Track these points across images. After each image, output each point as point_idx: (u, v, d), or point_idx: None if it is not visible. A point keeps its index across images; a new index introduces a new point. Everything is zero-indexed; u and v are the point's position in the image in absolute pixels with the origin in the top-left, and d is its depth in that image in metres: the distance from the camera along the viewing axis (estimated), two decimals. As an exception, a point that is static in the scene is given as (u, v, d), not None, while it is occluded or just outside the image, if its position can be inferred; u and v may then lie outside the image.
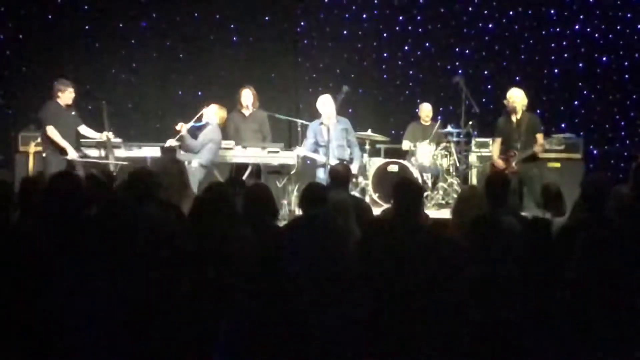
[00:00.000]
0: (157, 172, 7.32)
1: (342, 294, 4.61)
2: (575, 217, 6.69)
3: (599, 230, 5.38)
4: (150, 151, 12.33)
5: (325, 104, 11.92)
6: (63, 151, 11.60)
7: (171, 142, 11.71)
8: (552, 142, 11.29)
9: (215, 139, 11.70)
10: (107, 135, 11.88)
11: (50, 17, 14.83)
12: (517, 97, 11.16)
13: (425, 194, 11.70)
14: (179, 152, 11.72)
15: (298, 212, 10.77)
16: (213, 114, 11.83)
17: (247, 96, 12.51)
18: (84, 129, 12.00)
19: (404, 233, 5.61)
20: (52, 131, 11.57)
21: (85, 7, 14.95)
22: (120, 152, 12.16)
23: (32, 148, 12.66)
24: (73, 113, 11.93)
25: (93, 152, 12.11)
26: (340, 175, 8.36)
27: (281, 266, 4.81)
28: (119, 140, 12.29)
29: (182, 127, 11.48)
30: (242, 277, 5.12)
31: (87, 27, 14.93)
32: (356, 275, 4.94)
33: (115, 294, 4.94)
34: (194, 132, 11.76)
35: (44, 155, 11.79)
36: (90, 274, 5.01)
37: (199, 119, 11.86)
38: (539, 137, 11.12)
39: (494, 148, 11.48)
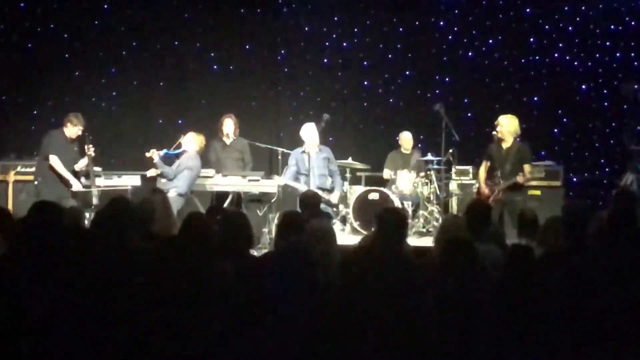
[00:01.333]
0: (137, 202, 7.30)
1: (325, 322, 4.60)
2: (552, 244, 6.68)
3: (578, 258, 5.39)
4: (131, 180, 12.28)
5: (309, 131, 11.95)
6: (66, 183, 11.50)
7: (152, 172, 11.68)
8: (533, 172, 11.25)
9: (192, 166, 11.66)
10: (89, 150, 11.69)
11: (30, 45, 14.79)
12: (503, 125, 11.09)
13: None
14: (159, 181, 11.69)
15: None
16: (191, 141, 11.81)
17: (228, 125, 12.50)
18: (77, 166, 11.87)
19: (386, 261, 5.60)
20: (55, 161, 11.43)
21: (65, 35, 14.93)
22: (100, 181, 12.09)
23: (12, 177, 12.60)
24: (75, 149, 11.83)
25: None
26: (310, 203, 8.41)
27: (263, 299, 4.78)
28: (98, 169, 12.24)
29: (154, 154, 11.46)
30: (224, 314, 5.09)
31: (67, 55, 14.89)
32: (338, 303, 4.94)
33: (92, 326, 4.91)
34: (171, 160, 11.74)
35: (35, 183, 11.65)
36: (68, 306, 4.98)
37: (177, 147, 11.83)
38: (526, 167, 10.99)
39: (480, 172, 11.39)
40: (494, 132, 11.22)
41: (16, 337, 4.88)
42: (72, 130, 11.63)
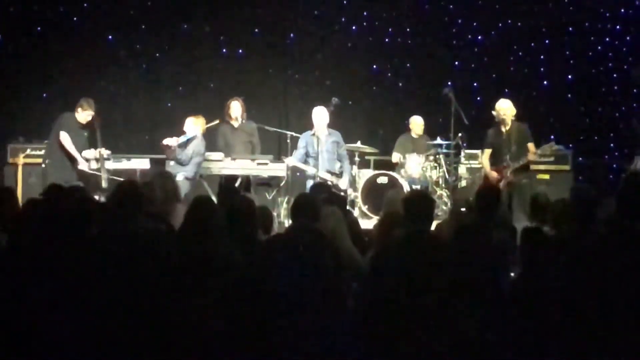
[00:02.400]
0: (147, 185, 7.30)
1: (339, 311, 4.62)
2: (561, 228, 6.68)
3: (587, 242, 5.39)
4: (140, 163, 12.30)
5: (319, 115, 11.94)
6: (74, 161, 11.54)
7: (170, 141, 11.77)
8: (544, 150, 11.25)
9: (202, 152, 11.79)
10: (100, 152, 11.78)
11: (39, 29, 14.79)
12: (506, 109, 11.12)
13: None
14: (167, 164, 11.72)
15: (288, 223, 10.77)
16: (192, 125, 11.84)
17: (236, 108, 12.46)
18: (85, 153, 11.90)
19: (419, 245, 5.59)
20: (65, 137, 11.49)
21: (74, 18, 14.92)
22: (109, 164, 12.11)
23: (21, 160, 12.63)
24: (85, 134, 11.86)
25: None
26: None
27: (269, 282, 4.80)
28: (108, 152, 12.26)
29: (172, 142, 11.52)
30: (230, 294, 5.10)
31: (76, 38, 14.88)
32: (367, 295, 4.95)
33: (106, 308, 4.94)
34: (183, 146, 11.76)
35: (43, 166, 11.72)
36: (82, 290, 5.01)
37: (183, 134, 11.84)
38: (530, 146, 11.07)
39: (484, 159, 11.43)
40: (495, 115, 11.20)
41: (21, 316, 4.91)
42: (83, 115, 11.66)
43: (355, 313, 5.08)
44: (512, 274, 5.41)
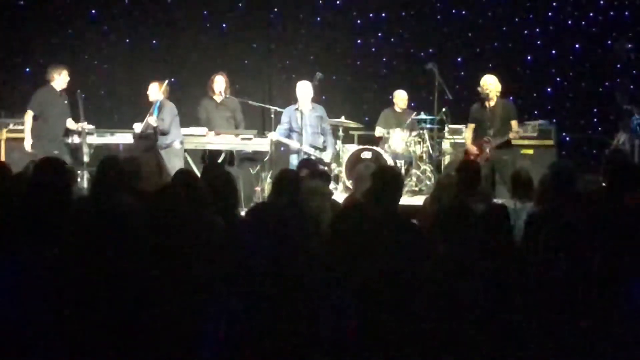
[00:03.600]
0: (131, 161, 7.30)
1: (314, 280, 4.62)
2: (542, 204, 6.70)
3: (566, 218, 5.41)
4: (123, 137, 12.33)
5: (303, 89, 11.91)
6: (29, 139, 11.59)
7: (138, 126, 11.75)
8: (527, 129, 11.26)
9: (176, 112, 11.96)
10: (81, 125, 11.81)
11: (21, 2, 14.71)
12: (490, 84, 11.11)
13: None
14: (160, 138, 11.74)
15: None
16: (158, 91, 11.88)
17: (220, 82, 12.41)
18: (68, 122, 11.94)
19: (379, 218, 5.61)
20: (27, 116, 11.60)
21: (57, -8, 14.85)
22: (93, 139, 12.13)
23: (4, 135, 12.61)
24: (65, 102, 11.87)
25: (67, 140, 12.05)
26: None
27: (247, 254, 4.80)
28: (91, 127, 12.25)
29: (153, 120, 11.55)
30: (214, 265, 5.10)
31: (58, 12, 14.79)
32: (327, 260, 4.95)
33: (90, 285, 4.93)
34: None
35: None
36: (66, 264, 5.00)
37: (153, 104, 11.84)
38: (514, 123, 11.09)
39: (467, 134, 11.47)
40: (480, 91, 11.19)
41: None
42: (60, 79, 11.73)
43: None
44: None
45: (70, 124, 11.93)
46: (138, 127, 11.84)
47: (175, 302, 4.91)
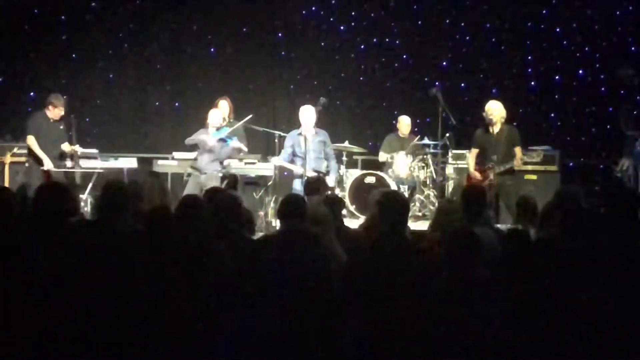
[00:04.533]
0: (136, 185, 7.34)
1: (327, 310, 4.61)
2: (548, 229, 6.70)
3: (573, 244, 5.41)
4: (127, 162, 12.34)
5: (306, 114, 11.89)
6: (40, 161, 11.59)
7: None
8: (531, 156, 11.24)
9: None
10: (74, 149, 11.89)
11: (26, 27, 14.76)
12: (495, 110, 11.11)
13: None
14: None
15: (274, 223, 10.76)
16: (220, 116, 12.16)
17: (224, 107, 12.46)
18: (64, 146, 11.99)
19: (391, 247, 5.62)
20: (31, 141, 11.68)
21: (62, 17, 14.90)
22: (97, 163, 12.15)
23: (8, 158, 12.60)
24: (61, 127, 11.93)
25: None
26: (313, 186, 8.43)
27: (261, 280, 4.80)
28: (95, 151, 12.29)
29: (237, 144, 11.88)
30: (221, 292, 5.10)
31: (64, 37, 14.86)
32: (343, 292, 4.95)
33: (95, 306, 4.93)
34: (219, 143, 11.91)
35: (26, 165, 11.83)
36: (77, 285, 5.01)
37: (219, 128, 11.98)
38: (518, 150, 11.06)
39: (470, 159, 11.46)
40: (485, 117, 11.20)
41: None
42: (54, 112, 11.81)
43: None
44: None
45: (65, 147, 11.96)
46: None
47: (179, 327, 4.90)
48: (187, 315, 4.95)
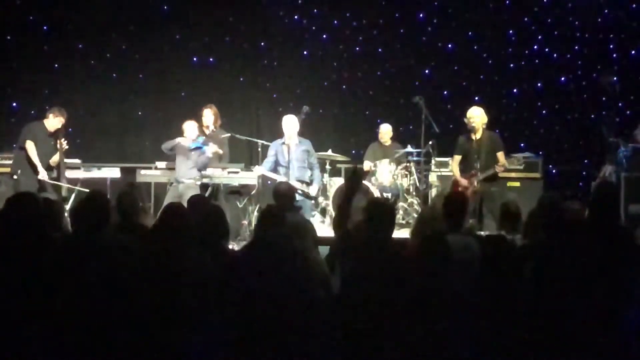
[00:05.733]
0: (117, 195, 7.34)
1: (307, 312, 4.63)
2: (530, 236, 6.71)
3: (554, 250, 5.42)
4: (110, 172, 12.34)
5: (289, 123, 11.86)
6: (35, 170, 11.52)
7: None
8: (512, 162, 11.27)
9: None
10: (61, 145, 11.81)
11: (9, 37, 14.73)
12: (477, 117, 11.14)
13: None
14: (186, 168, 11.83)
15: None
16: (196, 128, 12.20)
17: (208, 115, 12.45)
18: (52, 160, 11.92)
19: (375, 252, 5.63)
20: (30, 146, 11.57)
21: (45, 27, 14.86)
22: (79, 174, 12.14)
23: (-6, 169, 12.58)
24: (52, 143, 11.87)
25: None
26: (283, 194, 8.42)
27: (239, 288, 4.81)
28: (78, 161, 12.28)
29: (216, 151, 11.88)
30: (200, 299, 5.11)
31: (45, 47, 14.82)
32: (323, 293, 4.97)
33: (74, 317, 4.93)
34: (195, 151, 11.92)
35: (14, 177, 11.70)
36: (49, 297, 4.99)
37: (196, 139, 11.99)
38: (500, 155, 11.09)
39: (454, 166, 11.48)
40: (467, 123, 11.23)
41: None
42: (53, 121, 11.73)
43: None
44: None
45: (52, 160, 11.89)
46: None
47: (162, 336, 4.90)
48: (166, 323, 4.96)
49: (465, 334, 4.78)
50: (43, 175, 11.56)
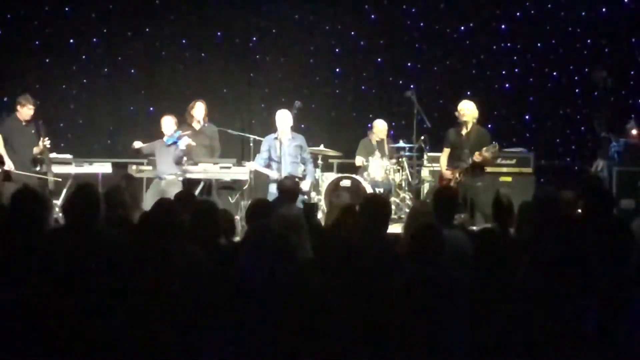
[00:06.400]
0: (107, 188, 7.31)
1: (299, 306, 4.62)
2: (524, 230, 6.71)
3: (549, 244, 5.42)
4: (101, 167, 12.34)
5: (282, 118, 11.83)
6: (1, 161, 11.51)
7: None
8: (488, 150, 11.12)
9: None
10: (42, 142, 11.78)
11: (-1, 32, 14.72)
12: (467, 110, 11.12)
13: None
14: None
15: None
16: (174, 124, 12.07)
17: (199, 109, 12.40)
18: (35, 149, 11.90)
19: (368, 248, 5.63)
20: None
21: (35, 22, 14.83)
22: (71, 169, 12.11)
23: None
24: (32, 132, 11.83)
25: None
26: (289, 189, 8.40)
27: (233, 282, 4.80)
28: (69, 156, 12.26)
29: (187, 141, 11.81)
30: (191, 293, 5.09)
31: (37, 42, 14.80)
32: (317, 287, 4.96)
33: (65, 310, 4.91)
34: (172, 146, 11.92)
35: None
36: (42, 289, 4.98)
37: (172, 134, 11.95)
38: (483, 148, 11.07)
39: (442, 159, 11.46)
40: (457, 116, 11.20)
41: None
42: (24, 111, 11.78)
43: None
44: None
45: (36, 150, 11.88)
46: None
47: (156, 331, 4.89)
48: (163, 322, 4.94)
49: (460, 328, 4.78)
50: (9, 165, 11.51)
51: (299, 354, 4.51)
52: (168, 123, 12.10)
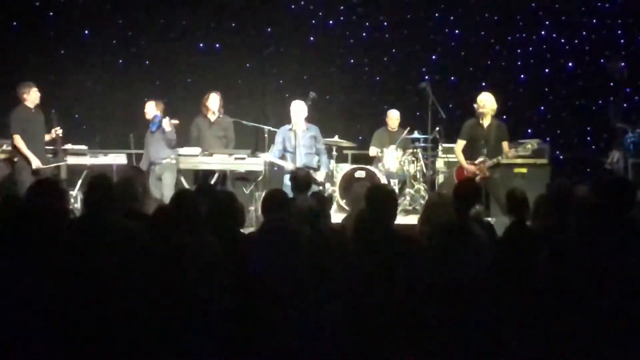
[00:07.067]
0: (119, 181, 7.30)
1: (311, 299, 4.62)
2: (540, 221, 6.68)
3: (565, 236, 5.39)
4: (116, 158, 12.37)
5: (297, 109, 11.83)
6: (28, 161, 11.47)
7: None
8: (519, 150, 11.16)
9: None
10: (55, 131, 11.81)
11: (15, 23, 14.71)
12: (487, 102, 10.99)
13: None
14: (152, 154, 11.80)
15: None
16: (155, 109, 12.12)
17: (214, 100, 12.38)
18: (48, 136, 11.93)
19: (376, 239, 5.60)
20: (18, 141, 11.47)
21: (50, 13, 14.86)
22: (86, 160, 12.14)
23: (-1, 155, 12.55)
24: (42, 119, 11.83)
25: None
26: (301, 180, 8.41)
27: (249, 273, 4.80)
28: (84, 147, 12.28)
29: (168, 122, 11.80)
30: (208, 284, 5.09)
31: (51, 33, 14.83)
32: (324, 280, 4.95)
33: (81, 302, 4.92)
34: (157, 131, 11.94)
35: (15, 160, 11.65)
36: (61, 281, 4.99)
37: (153, 120, 11.95)
38: (505, 144, 10.98)
39: (458, 150, 11.23)
40: (477, 108, 11.12)
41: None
42: (32, 96, 11.69)
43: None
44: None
45: (47, 137, 11.91)
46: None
47: (171, 321, 4.89)
48: (177, 310, 4.95)
49: (480, 320, 4.77)
50: (36, 163, 11.47)
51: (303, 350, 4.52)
52: (148, 108, 12.17)
